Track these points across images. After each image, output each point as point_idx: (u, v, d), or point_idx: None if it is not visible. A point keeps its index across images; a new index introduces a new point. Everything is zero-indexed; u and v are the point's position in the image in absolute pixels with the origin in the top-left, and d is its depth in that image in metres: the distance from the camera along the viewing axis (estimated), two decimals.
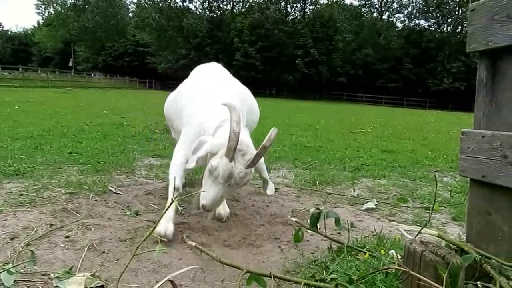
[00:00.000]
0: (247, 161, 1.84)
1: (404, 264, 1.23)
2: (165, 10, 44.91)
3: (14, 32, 65.04)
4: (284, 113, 14.65)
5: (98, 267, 1.74)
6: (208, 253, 1.52)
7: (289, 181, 3.69)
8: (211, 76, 2.65)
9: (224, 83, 2.51)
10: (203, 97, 2.35)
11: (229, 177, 1.81)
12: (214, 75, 2.66)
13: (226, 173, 1.80)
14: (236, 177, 1.81)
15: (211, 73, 2.70)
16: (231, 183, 1.83)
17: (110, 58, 49.31)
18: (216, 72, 2.75)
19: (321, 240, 2.18)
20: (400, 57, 43.48)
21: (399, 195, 3.29)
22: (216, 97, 2.22)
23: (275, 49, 41.14)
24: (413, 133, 9.43)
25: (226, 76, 2.70)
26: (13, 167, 3.43)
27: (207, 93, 2.34)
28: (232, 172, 1.80)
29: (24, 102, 11.85)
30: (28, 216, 2.29)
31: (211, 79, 2.57)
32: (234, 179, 1.81)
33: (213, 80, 2.53)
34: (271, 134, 1.89)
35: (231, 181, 1.82)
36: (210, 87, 2.40)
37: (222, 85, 2.44)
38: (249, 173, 1.86)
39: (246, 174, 1.84)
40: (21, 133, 5.64)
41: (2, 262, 1.68)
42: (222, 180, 1.82)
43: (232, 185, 1.84)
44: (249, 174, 1.87)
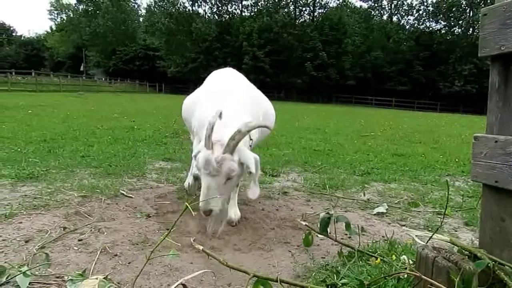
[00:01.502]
0: None
1: (416, 270, 1.22)
2: (174, 15, 45.31)
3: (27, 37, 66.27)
4: (293, 116, 14.63)
5: (110, 270, 1.77)
6: (216, 257, 1.53)
7: (298, 185, 3.69)
8: (226, 82, 2.69)
9: (238, 89, 2.54)
10: (216, 102, 2.37)
11: (207, 164, 1.84)
12: (229, 80, 2.70)
13: (203, 160, 1.85)
14: (213, 163, 1.83)
15: (226, 79, 2.74)
16: (211, 171, 1.84)
17: (120, 62, 49.86)
18: (231, 78, 2.79)
19: (332, 244, 2.18)
20: (410, 60, 43.10)
21: (410, 200, 3.26)
22: (228, 103, 2.25)
23: (284, 53, 41.18)
24: (424, 137, 9.33)
25: (240, 82, 2.74)
26: (27, 171, 3.50)
27: (220, 99, 2.35)
28: (209, 158, 1.84)
29: (37, 106, 12.05)
30: (42, 219, 2.33)
31: (225, 85, 2.60)
32: (212, 165, 1.83)
33: (227, 86, 2.56)
34: (250, 122, 1.95)
35: (210, 168, 1.84)
36: (223, 93, 2.43)
37: (235, 91, 2.47)
38: (227, 158, 1.86)
39: (224, 159, 1.85)
40: (34, 136, 5.74)
41: (17, 265, 1.71)
42: (202, 168, 1.86)
43: (213, 173, 1.85)
44: (228, 159, 1.86)
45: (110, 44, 49.34)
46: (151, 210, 2.70)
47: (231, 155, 1.88)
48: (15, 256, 1.84)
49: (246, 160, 1.92)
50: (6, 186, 3.04)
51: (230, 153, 1.87)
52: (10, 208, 2.48)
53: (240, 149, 1.92)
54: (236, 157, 1.90)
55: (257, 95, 2.69)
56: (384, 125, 12.89)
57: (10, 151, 4.53)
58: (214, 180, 1.87)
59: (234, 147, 1.88)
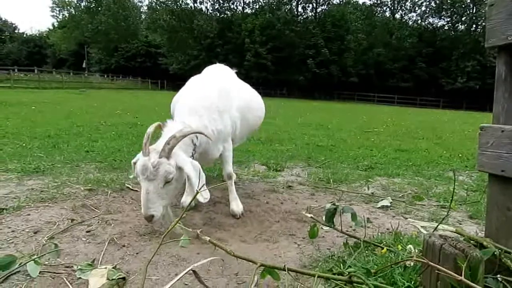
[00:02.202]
0: None
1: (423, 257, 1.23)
2: (176, 12, 45.23)
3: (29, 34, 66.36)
4: (296, 113, 14.63)
5: (119, 260, 1.79)
6: (223, 247, 1.55)
7: (302, 179, 3.70)
8: (199, 78, 2.79)
9: (203, 84, 2.60)
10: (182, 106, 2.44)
11: (144, 169, 1.89)
12: (203, 80, 2.75)
13: (140, 165, 1.91)
14: (150, 168, 1.88)
15: (202, 75, 2.82)
16: (148, 176, 1.89)
17: (122, 59, 49.85)
18: (208, 73, 2.88)
19: (337, 236, 2.19)
20: (413, 56, 42.93)
21: (414, 194, 3.27)
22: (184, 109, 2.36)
23: (286, 49, 41.06)
24: (427, 133, 9.32)
25: (214, 76, 2.78)
26: (33, 165, 3.52)
27: (185, 102, 2.44)
28: (145, 163, 1.90)
29: (40, 103, 12.08)
30: (49, 212, 2.35)
31: (197, 85, 2.66)
32: (149, 170, 1.88)
33: (197, 86, 2.61)
34: (184, 129, 2.03)
35: (147, 172, 1.88)
36: (189, 96, 2.50)
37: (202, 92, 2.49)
38: (163, 162, 1.90)
39: (159, 164, 1.89)
40: (38, 132, 5.76)
41: (27, 254, 1.74)
42: (139, 173, 1.91)
43: (150, 177, 1.89)
44: (164, 164, 1.90)
45: (112, 41, 49.31)
46: None
47: (167, 159, 1.92)
48: (24, 246, 1.86)
49: (183, 164, 1.96)
50: (13, 179, 3.07)
51: (166, 157, 1.92)
52: (18, 200, 2.50)
53: (176, 154, 1.98)
54: (172, 161, 1.94)
55: (228, 88, 2.66)
56: (386, 121, 12.87)
57: (15, 146, 4.56)
58: (152, 185, 1.90)
59: (169, 151, 1.93)
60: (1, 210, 2.31)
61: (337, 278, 1.26)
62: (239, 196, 2.99)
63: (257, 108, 3.08)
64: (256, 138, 6.33)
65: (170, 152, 1.93)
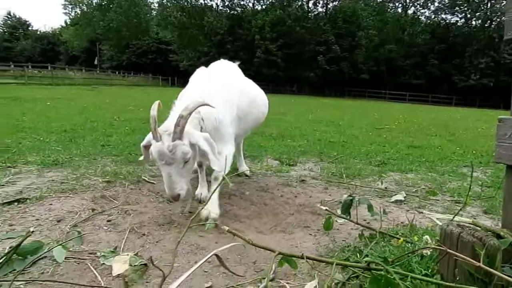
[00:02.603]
0: None
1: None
2: (186, 8, 45.38)
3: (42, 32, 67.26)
4: (306, 109, 14.60)
5: (139, 248, 1.85)
6: (242, 237, 1.58)
7: (315, 174, 3.73)
8: (204, 72, 2.81)
9: (208, 80, 2.61)
10: (187, 93, 2.51)
11: (160, 154, 1.91)
12: (208, 71, 2.78)
13: (156, 152, 1.92)
14: (166, 152, 1.90)
15: (205, 74, 2.81)
16: (167, 160, 1.92)
17: (134, 56, 50.27)
18: (213, 68, 2.89)
19: (351, 229, 2.22)
20: (425, 53, 42.36)
21: (428, 189, 3.27)
22: (193, 92, 2.42)
23: (296, 46, 40.90)
24: (440, 130, 9.23)
25: (218, 71, 2.80)
26: (51, 158, 3.62)
27: (190, 89, 2.52)
28: (160, 148, 1.91)
29: (54, 99, 12.28)
30: (71, 202, 2.43)
31: (198, 80, 2.68)
32: (166, 155, 1.91)
33: (199, 82, 2.64)
34: (188, 105, 2.01)
35: (165, 157, 1.91)
36: (191, 89, 2.54)
37: (204, 85, 2.52)
38: (178, 144, 1.92)
39: (175, 146, 1.92)
40: (54, 127, 5.89)
41: (53, 241, 1.80)
42: (158, 159, 1.94)
43: (169, 161, 1.92)
44: (179, 146, 1.93)
45: (124, 38, 49.71)
46: None
47: (181, 141, 1.94)
48: (49, 234, 1.93)
49: (197, 140, 2.00)
50: (33, 171, 3.16)
51: (179, 139, 1.94)
52: (40, 191, 2.58)
53: (188, 132, 2.00)
54: (186, 141, 1.97)
55: (233, 86, 2.68)
56: (398, 118, 12.77)
57: (33, 140, 4.67)
58: (172, 167, 1.94)
59: (181, 132, 1.94)
60: (24, 200, 2.39)
61: (355, 266, 1.29)
62: (253, 189, 3.04)
63: (261, 104, 3.13)
64: (268, 134, 6.36)
65: (182, 133, 1.95)
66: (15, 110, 8.09)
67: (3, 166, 3.24)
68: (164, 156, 1.91)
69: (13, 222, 2.05)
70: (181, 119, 1.95)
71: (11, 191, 2.58)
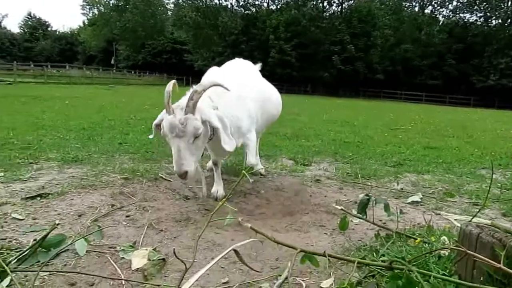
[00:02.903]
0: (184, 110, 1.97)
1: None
2: (201, 8, 45.69)
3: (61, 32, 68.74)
4: (320, 109, 14.53)
5: (157, 243, 1.89)
6: (264, 234, 1.60)
7: (330, 174, 3.72)
8: (219, 70, 2.86)
9: (223, 75, 2.66)
10: None
11: (172, 127, 1.93)
12: (223, 69, 2.84)
13: (168, 124, 1.94)
14: (178, 125, 1.92)
15: (222, 68, 2.88)
16: (178, 133, 1.93)
17: (149, 56, 50.94)
18: (228, 66, 2.97)
19: (367, 229, 2.21)
20: (443, 53, 41.56)
21: (445, 190, 3.22)
22: None
23: (311, 46, 40.69)
24: (457, 131, 9.07)
25: (233, 69, 2.89)
26: (71, 155, 3.71)
27: None
28: (172, 121, 1.93)
29: (73, 98, 12.54)
30: (91, 197, 2.49)
31: (217, 73, 2.75)
32: (177, 127, 1.92)
33: (216, 75, 2.70)
34: (203, 81, 2.04)
35: (176, 130, 1.92)
36: None
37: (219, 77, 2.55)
38: (190, 118, 1.94)
39: (187, 119, 1.93)
40: (73, 125, 6.02)
41: (74, 235, 1.86)
42: (168, 132, 1.95)
43: (180, 134, 1.93)
44: (191, 119, 1.95)
45: (139, 38, 50.42)
46: (189, 193, 2.82)
47: (193, 115, 1.96)
48: (70, 228, 1.99)
49: (209, 117, 2.03)
50: (54, 168, 3.25)
51: (191, 113, 1.96)
52: (61, 187, 2.66)
53: (201, 109, 2.02)
54: (198, 116, 1.99)
55: (249, 83, 2.76)
56: (414, 119, 12.59)
57: (53, 137, 4.79)
58: (182, 141, 1.95)
59: (194, 106, 1.97)
60: (46, 195, 2.46)
61: (377, 264, 1.30)
62: (268, 188, 3.06)
63: (275, 101, 3.18)
64: (283, 134, 6.36)
65: (194, 107, 1.97)
66: (35, 108, 8.31)
67: (26, 162, 3.34)
68: (175, 128, 1.93)
69: (36, 216, 2.12)
70: (194, 93, 1.98)
71: (34, 186, 2.67)
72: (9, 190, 2.54)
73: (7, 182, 2.73)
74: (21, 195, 2.45)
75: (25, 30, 63.87)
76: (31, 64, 33.36)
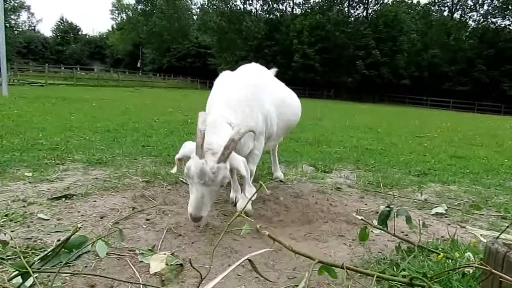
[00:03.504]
0: (217, 157, 1.86)
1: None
2: (226, 13, 46.25)
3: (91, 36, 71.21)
4: (343, 115, 14.36)
5: (176, 248, 1.90)
6: (282, 242, 1.58)
7: (351, 182, 3.66)
8: (232, 75, 2.71)
9: (235, 87, 2.46)
10: (209, 105, 2.49)
11: (202, 174, 1.82)
12: (231, 78, 2.64)
13: (197, 170, 1.82)
14: (209, 173, 1.81)
15: (232, 77, 2.69)
16: (207, 181, 1.83)
17: (174, 59, 51.94)
18: (241, 70, 2.82)
19: (388, 240, 2.16)
20: (472, 59, 40.29)
21: (471, 202, 3.11)
22: (216, 105, 2.32)
23: (335, 51, 40.36)
24: (486, 140, 8.75)
25: (246, 73, 2.72)
26: (96, 156, 3.81)
27: (212, 102, 2.46)
28: (203, 168, 1.82)
29: (100, 100, 12.92)
30: (113, 199, 2.54)
31: (225, 84, 2.57)
32: (207, 176, 1.81)
33: (225, 85, 2.53)
34: (240, 129, 1.94)
35: (205, 178, 1.82)
36: (217, 94, 2.46)
37: (230, 90, 2.43)
38: (222, 168, 1.85)
39: (219, 169, 1.84)
40: (99, 127, 6.18)
41: (96, 237, 1.90)
42: (196, 178, 1.83)
43: (208, 183, 1.83)
44: (223, 169, 1.86)
45: (165, 42, 51.50)
46: None
47: (224, 164, 1.87)
48: (92, 229, 2.03)
49: (237, 166, 1.94)
50: (79, 169, 3.34)
51: (224, 162, 1.87)
52: (85, 188, 2.73)
53: (232, 156, 1.92)
54: (228, 165, 1.90)
55: (264, 87, 2.58)
56: (441, 126, 12.25)
57: (79, 139, 4.94)
58: (208, 189, 1.86)
59: (228, 156, 1.88)
60: (71, 196, 2.53)
61: (397, 280, 1.26)
62: (287, 195, 3.03)
63: (293, 105, 3.02)
64: (304, 139, 6.32)
65: (228, 157, 1.89)
66: (64, 110, 8.60)
67: (53, 163, 3.45)
68: (205, 176, 1.83)
69: (60, 216, 2.19)
70: (232, 142, 1.88)
71: (59, 187, 2.75)
72: (36, 190, 2.63)
73: (35, 182, 2.83)
74: (47, 195, 2.53)
75: (57, 34, 66.53)
76: (61, 67, 34.66)
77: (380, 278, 1.29)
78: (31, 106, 8.92)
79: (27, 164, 3.31)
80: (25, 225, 2.02)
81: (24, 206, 2.30)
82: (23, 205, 2.32)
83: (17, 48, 45.95)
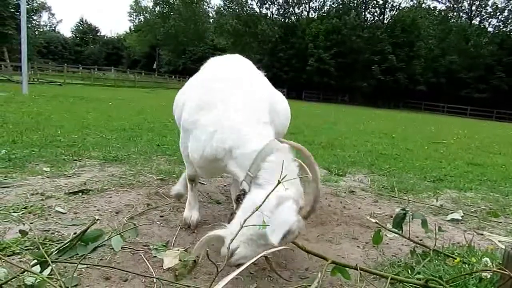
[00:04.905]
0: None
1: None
2: (242, 16, 46.48)
3: (109, 37, 72.57)
4: (358, 119, 14.24)
5: (189, 244, 1.92)
6: (294, 242, 1.59)
7: (365, 186, 3.63)
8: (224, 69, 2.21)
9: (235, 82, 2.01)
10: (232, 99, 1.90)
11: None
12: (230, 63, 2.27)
13: None
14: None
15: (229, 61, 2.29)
16: None
17: (189, 61, 52.39)
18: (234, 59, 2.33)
19: (402, 244, 2.13)
20: (491, 65, 39.44)
21: (488, 209, 3.04)
22: (232, 104, 1.84)
23: (350, 55, 40.07)
24: (505, 148, 8.55)
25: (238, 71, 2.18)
26: (112, 154, 3.87)
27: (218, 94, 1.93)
28: None
29: (116, 100, 13.11)
30: (128, 196, 2.58)
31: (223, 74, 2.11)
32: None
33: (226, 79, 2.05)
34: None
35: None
36: (223, 84, 1.97)
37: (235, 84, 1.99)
38: None
39: None
40: (115, 126, 6.28)
41: (111, 231, 1.93)
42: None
43: None
44: None
45: (181, 44, 52.03)
46: (221, 197, 2.85)
47: None
48: (108, 224, 2.07)
49: None
50: (96, 166, 3.41)
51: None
52: (101, 184, 2.78)
53: None
54: None
55: (259, 89, 2.07)
56: (457, 133, 12.02)
57: (96, 137, 5.03)
58: None
59: None
60: (87, 191, 2.58)
61: (412, 282, 1.24)
62: None
63: (283, 111, 2.37)
64: (317, 143, 6.30)
65: None
66: (81, 109, 8.76)
67: (70, 159, 3.52)
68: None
69: (77, 210, 2.23)
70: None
71: (76, 182, 2.81)
72: (54, 184, 2.69)
73: (53, 177, 2.89)
74: (64, 190, 2.58)
75: (76, 34, 67.97)
76: (80, 67, 35.36)
77: (394, 280, 1.27)
78: (50, 104, 9.12)
79: (45, 160, 3.39)
80: (43, 218, 2.07)
81: (43, 200, 2.35)
82: (41, 198, 2.37)
83: (37, 48, 47.02)
